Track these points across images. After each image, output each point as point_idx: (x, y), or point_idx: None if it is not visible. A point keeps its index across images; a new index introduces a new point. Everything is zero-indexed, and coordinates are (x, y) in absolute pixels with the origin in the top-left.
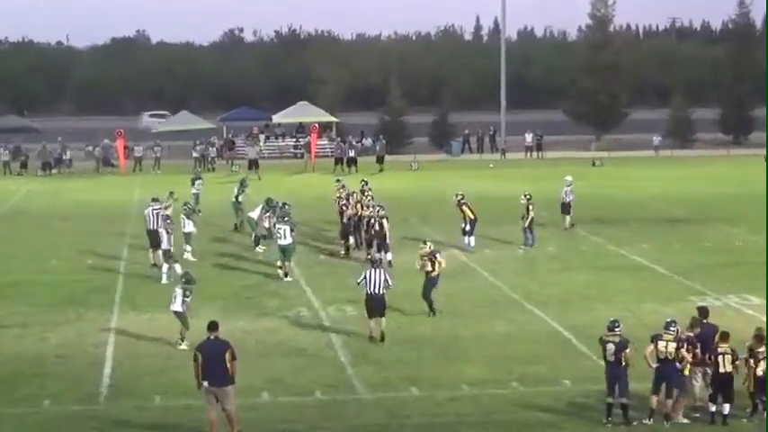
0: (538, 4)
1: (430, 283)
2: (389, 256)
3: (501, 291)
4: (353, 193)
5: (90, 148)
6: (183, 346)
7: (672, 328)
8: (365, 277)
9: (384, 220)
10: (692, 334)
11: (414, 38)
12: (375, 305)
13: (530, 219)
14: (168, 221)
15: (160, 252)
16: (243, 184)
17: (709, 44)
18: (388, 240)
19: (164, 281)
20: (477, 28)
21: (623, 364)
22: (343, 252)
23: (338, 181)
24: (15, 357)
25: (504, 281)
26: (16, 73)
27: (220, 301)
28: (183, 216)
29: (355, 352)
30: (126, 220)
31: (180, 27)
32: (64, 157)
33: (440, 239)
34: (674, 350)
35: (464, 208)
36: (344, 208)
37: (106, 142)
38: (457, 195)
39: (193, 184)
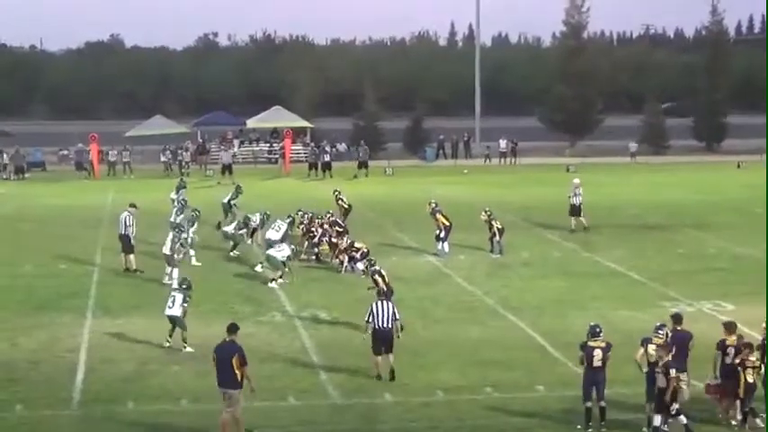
0: (512, 10)
1: None
2: (361, 265)
3: (475, 296)
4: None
5: (65, 152)
6: (189, 349)
7: (661, 332)
8: (372, 311)
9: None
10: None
11: (388, 43)
12: (383, 340)
13: (495, 231)
14: (177, 230)
15: (132, 256)
16: (238, 191)
17: (682, 51)
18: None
19: (165, 280)
20: (452, 34)
21: (605, 368)
22: (313, 257)
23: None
24: None
25: (478, 286)
26: None
27: (194, 306)
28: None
29: (329, 357)
30: (100, 224)
31: (154, 31)
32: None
33: (414, 245)
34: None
35: (438, 216)
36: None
37: (80, 146)
38: (430, 204)
39: (178, 191)
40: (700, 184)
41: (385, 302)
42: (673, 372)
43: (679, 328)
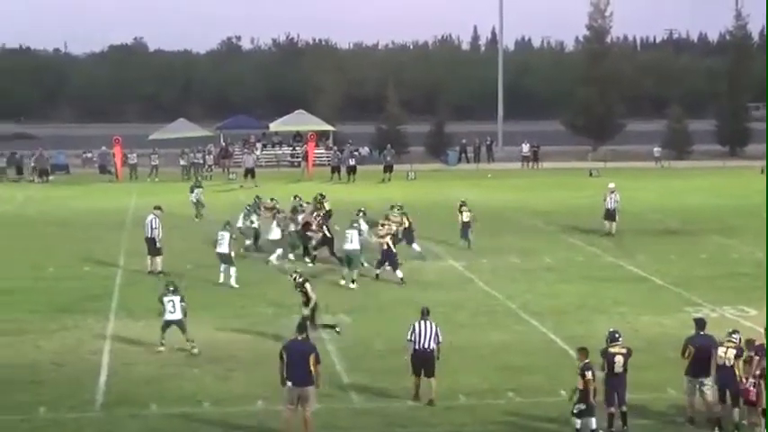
0: (535, 14)
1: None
2: (399, 273)
3: (498, 301)
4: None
5: (88, 155)
6: (197, 350)
7: (735, 336)
8: (414, 331)
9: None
10: None
11: (411, 47)
12: (424, 363)
13: (461, 222)
14: (229, 227)
15: (159, 259)
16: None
17: (705, 56)
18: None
19: (232, 282)
20: (475, 38)
21: (626, 373)
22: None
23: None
24: (11, 364)
25: (500, 291)
26: (13, 80)
27: (217, 309)
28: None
29: (351, 361)
30: (123, 227)
31: (177, 35)
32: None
33: (437, 251)
34: (732, 357)
35: (403, 219)
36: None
37: (103, 149)
38: (394, 206)
39: (192, 191)
40: (723, 188)
41: (428, 322)
42: (588, 374)
43: (702, 333)
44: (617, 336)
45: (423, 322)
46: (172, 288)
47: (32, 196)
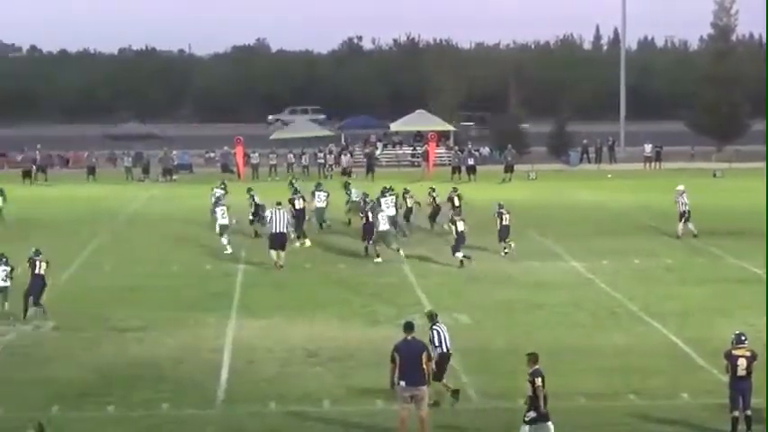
0: (658, 14)
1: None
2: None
3: (618, 302)
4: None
5: (211, 154)
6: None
7: None
8: (439, 335)
9: None
10: None
11: (532, 47)
12: (446, 366)
13: (405, 210)
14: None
15: (283, 254)
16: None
17: None
18: None
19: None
20: (597, 38)
21: (750, 377)
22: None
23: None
24: (134, 361)
25: (621, 292)
26: (139, 80)
27: (338, 307)
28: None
29: (470, 361)
30: (244, 225)
31: (299, 35)
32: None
33: (557, 250)
34: None
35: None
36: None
37: (225, 149)
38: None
39: (313, 195)
40: None
41: (442, 325)
42: (538, 380)
43: None
44: (743, 338)
45: (441, 326)
46: (4, 259)
47: (156, 195)
